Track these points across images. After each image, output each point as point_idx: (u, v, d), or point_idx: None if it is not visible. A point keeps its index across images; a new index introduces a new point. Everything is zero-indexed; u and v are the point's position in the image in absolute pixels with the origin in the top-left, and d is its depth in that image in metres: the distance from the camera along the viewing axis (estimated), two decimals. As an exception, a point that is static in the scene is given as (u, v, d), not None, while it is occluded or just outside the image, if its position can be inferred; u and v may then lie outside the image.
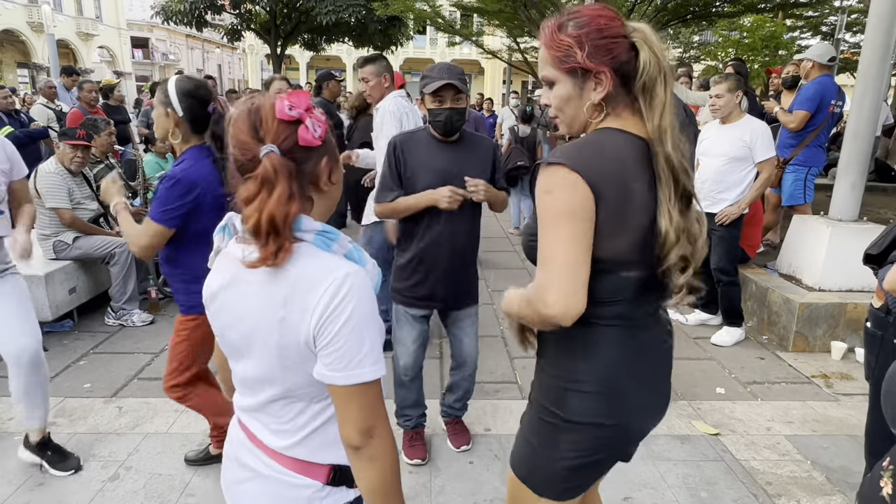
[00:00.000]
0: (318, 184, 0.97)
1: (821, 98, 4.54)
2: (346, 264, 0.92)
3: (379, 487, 0.96)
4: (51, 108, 6.74)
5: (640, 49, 1.09)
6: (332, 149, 0.98)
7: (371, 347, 0.92)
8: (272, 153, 0.89)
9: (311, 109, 0.93)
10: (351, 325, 0.90)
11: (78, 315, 4.01)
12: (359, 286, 0.91)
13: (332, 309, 0.89)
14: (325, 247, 0.93)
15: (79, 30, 30.47)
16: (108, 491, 2.29)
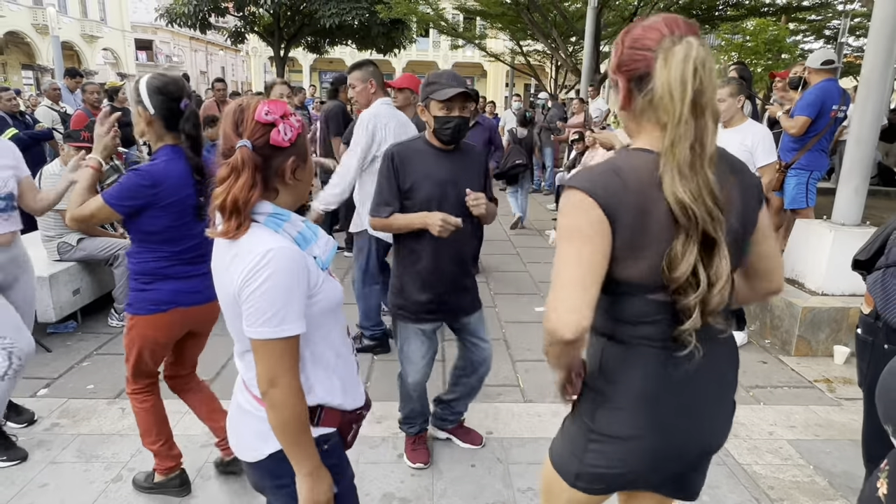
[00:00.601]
0: (283, 178, 1.18)
1: (821, 103, 4.54)
2: (274, 242, 1.11)
3: (278, 429, 1.15)
4: (55, 110, 6.77)
5: (657, 62, 1.04)
6: (301, 151, 1.19)
7: (278, 312, 1.09)
8: (244, 147, 1.11)
9: (287, 116, 1.15)
10: (262, 290, 1.08)
11: (82, 316, 4.02)
12: (278, 260, 1.09)
13: (251, 274, 1.09)
14: (275, 227, 1.14)
15: (83, 32, 30.62)
16: (112, 492, 2.30)
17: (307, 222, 1.21)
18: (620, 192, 1.06)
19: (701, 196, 1.03)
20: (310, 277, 1.15)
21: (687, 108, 1.01)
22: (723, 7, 12.43)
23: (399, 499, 2.30)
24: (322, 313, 1.20)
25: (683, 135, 1.02)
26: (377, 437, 2.70)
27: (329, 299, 1.21)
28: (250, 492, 2.32)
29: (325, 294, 1.19)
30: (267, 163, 1.14)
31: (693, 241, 1.05)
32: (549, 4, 13.47)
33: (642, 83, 1.08)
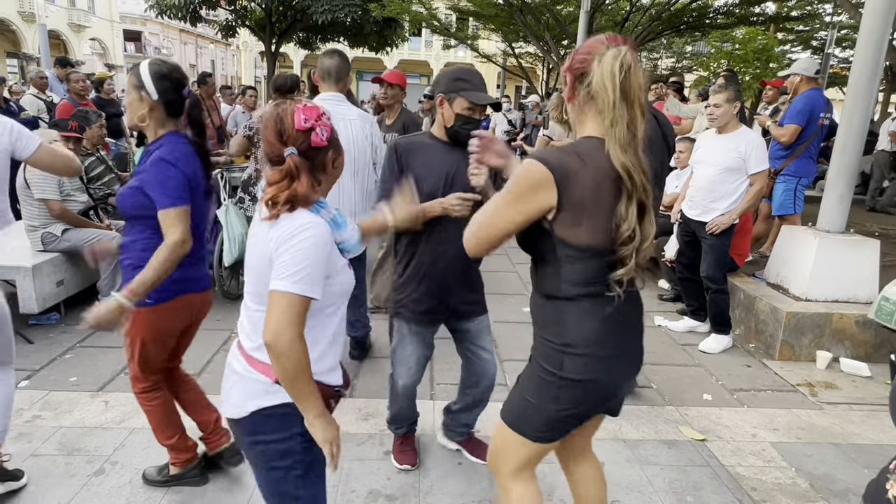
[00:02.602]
0: (325, 170, 1.37)
1: (810, 111, 4.62)
2: (313, 218, 1.28)
3: (283, 376, 1.26)
4: (41, 99, 6.67)
5: (593, 63, 1.33)
6: (335, 143, 1.37)
7: (303, 273, 1.23)
8: (293, 154, 1.29)
9: (321, 118, 1.32)
10: (298, 248, 1.24)
11: (65, 308, 3.96)
12: (313, 232, 1.26)
13: (292, 234, 1.25)
14: (317, 210, 1.32)
15: (70, 21, 30.14)
16: (94, 486, 2.27)
17: (339, 211, 1.39)
18: (579, 169, 1.31)
19: (638, 167, 1.31)
20: (333, 258, 1.31)
21: (618, 94, 1.28)
22: (713, 15, 12.55)
23: (385, 496, 2.30)
24: (334, 294, 1.35)
25: (619, 116, 1.28)
26: (364, 434, 2.69)
27: (343, 283, 1.37)
28: (232, 487, 2.30)
29: (342, 278, 1.36)
30: (312, 161, 1.32)
31: (633, 203, 1.32)
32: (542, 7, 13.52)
33: (583, 79, 1.35)
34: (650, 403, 3.13)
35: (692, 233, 3.94)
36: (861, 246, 3.92)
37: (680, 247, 4.13)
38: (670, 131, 2.88)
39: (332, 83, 3.05)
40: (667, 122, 2.89)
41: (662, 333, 4.16)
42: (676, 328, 4.22)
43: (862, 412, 3.16)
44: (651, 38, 13.53)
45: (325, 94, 3.05)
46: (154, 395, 2.18)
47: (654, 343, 3.17)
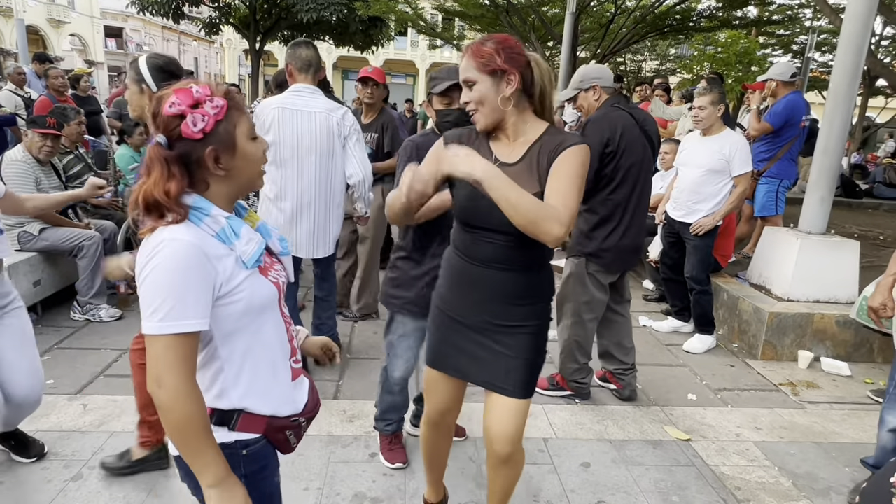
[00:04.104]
0: (203, 169, 1.11)
1: (789, 116, 4.69)
2: (171, 233, 1.05)
3: (169, 434, 1.08)
4: (19, 95, 6.53)
5: (536, 66, 1.58)
6: (223, 138, 1.10)
7: (162, 306, 1.04)
8: (156, 142, 1.07)
9: (200, 104, 1.07)
10: (148, 282, 1.05)
11: (42, 309, 3.88)
12: (170, 252, 1.04)
13: (142, 264, 1.06)
14: (195, 220, 1.09)
15: (49, 16, 29.61)
16: (71, 491, 2.22)
17: (232, 218, 1.14)
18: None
19: None
20: (218, 274, 1.08)
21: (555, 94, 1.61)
22: (696, 18, 12.68)
23: (371, 499, 2.28)
24: (244, 313, 1.14)
25: (550, 105, 1.62)
26: (349, 437, 2.67)
27: (253, 298, 1.14)
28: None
29: (248, 293, 1.13)
30: (186, 155, 1.08)
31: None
32: (527, 8, 13.55)
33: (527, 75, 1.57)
34: (635, 404, 3.14)
35: (676, 234, 3.97)
36: (841, 247, 3.98)
37: (664, 248, 4.16)
38: (651, 127, 2.91)
39: (309, 74, 2.92)
40: (646, 118, 2.90)
41: (647, 334, 4.18)
42: (661, 328, 4.25)
43: (843, 411, 3.20)
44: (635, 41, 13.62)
45: (298, 86, 2.90)
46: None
47: (639, 343, 3.19)
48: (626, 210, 2.81)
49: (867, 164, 12.94)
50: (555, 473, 2.48)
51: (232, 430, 1.17)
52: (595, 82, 2.89)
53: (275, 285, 1.20)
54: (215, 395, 1.17)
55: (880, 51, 14.40)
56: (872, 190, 10.88)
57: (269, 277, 1.19)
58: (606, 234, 2.82)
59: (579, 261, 2.91)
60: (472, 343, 1.72)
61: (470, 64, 1.56)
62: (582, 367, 3.05)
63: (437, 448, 2.03)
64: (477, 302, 1.68)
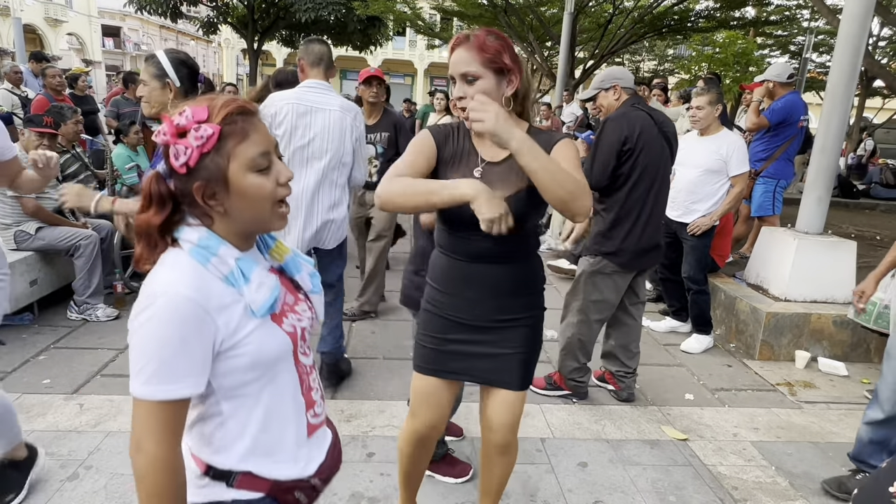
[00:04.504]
0: (192, 204, 0.98)
1: (787, 114, 4.69)
2: (168, 282, 0.94)
3: (140, 500, 0.96)
4: (16, 94, 6.51)
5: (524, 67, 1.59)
6: (208, 175, 0.95)
7: (147, 366, 0.92)
8: (155, 172, 0.98)
9: (182, 133, 0.93)
10: (137, 337, 0.93)
11: (39, 308, 3.86)
12: (164, 307, 0.91)
13: (134, 314, 0.94)
14: (202, 260, 0.97)
15: (47, 15, 29.52)
16: (67, 491, 2.21)
17: (243, 259, 1.00)
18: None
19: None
20: (219, 330, 0.95)
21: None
22: (694, 19, 12.71)
23: (368, 498, 2.27)
24: (250, 367, 1.00)
25: (530, 107, 1.63)
26: (346, 436, 2.66)
27: (261, 352, 1.00)
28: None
29: (256, 346, 0.99)
30: (180, 189, 0.97)
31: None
32: (526, 8, 13.57)
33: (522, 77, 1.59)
34: (633, 403, 3.14)
35: (673, 234, 3.97)
36: (839, 247, 3.98)
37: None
38: (670, 128, 2.92)
39: (321, 70, 2.87)
40: (665, 120, 2.92)
41: (645, 334, 4.17)
42: (658, 328, 4.25)
43: (839, 411, 3.21)
44: (633, 41, 13.65)
45: (311, 82, 2.82)
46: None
47: (637, 343, 3.19)
48: (643, 209, 2.82)
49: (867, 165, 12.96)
50: (552, 473, 2.48)
51: (230, 486, 1.05)
52: (616, 82, 2.90)
53: (290, 336, 1.05)
54: (213, 451, 1.04)
55: (877, 51, 14.44)
56: (869, 190, 10.90)
57: (283, 326, 1.05)
58: (625, 234, 2.82)
59: (595, 259, 2.91)
60: (472, 342, 1.70)
61: (472, 57, 1.49)
62: (581, 367, 3.05)
63: (419, 464, 1.93)
64: (475, 299, 1.66)
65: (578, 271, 3.00)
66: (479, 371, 1.73)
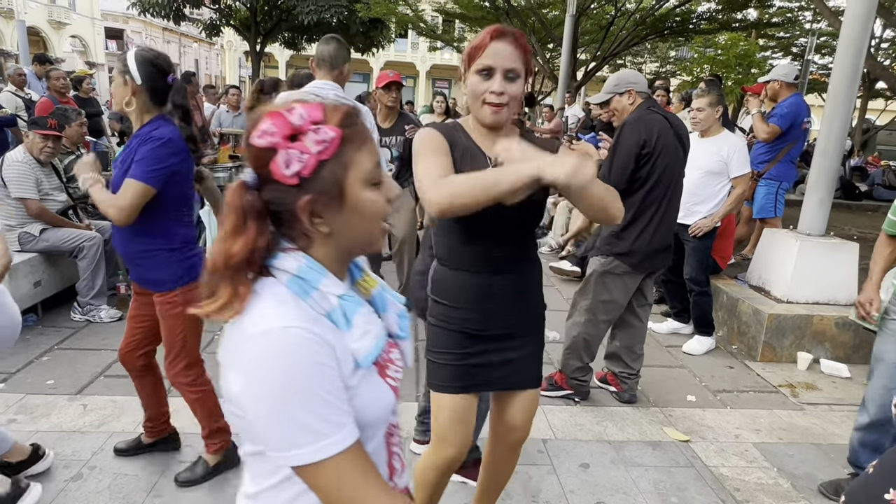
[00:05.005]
0: (295, 223, 0.80)
1: (794, 117, 4.70)
2: (277, 319, 0.75)
3: None
4: (19, 96, 6.54)
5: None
6: (322, 187, 0.78)
7: (307, 423, 0.73)
8: (241, 181, 0.80)
9: (296, 136, 0.76)
10: (267, 398, 0.73)
11: (42, 309, 3.88)
12: (271, 352, 0.73)
13: (229, 360, 0.76)
14: (301, 293, 0.79)
15: (50, 18, 29.64)
16: (71, 491, 2.22)
17: (346, 298, 0.82)
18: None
19: None
20: (341, 368, 0.78)
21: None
22: (696, 20, 12.71)
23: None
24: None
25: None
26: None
27: (368, 409, 0.82)
28: (216, 491, 2.27)
29: (363, 401, 0.81)
30: (276, 203, 0.79)
31: None
32: (527, 10, 13.60)
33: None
34: (635, 405, 3.15)
35: (675, 235, 3.97)
36: (841, 249, 3.98)
37: (664, 249, 4.17)
38: (684, 131, 2.94)
39: (326, 70, 2.89)
40: (679, 123, 2.94)
41: (646, 335, 4.18)
42: (660, 330, 4.26)
43: (841, 413, 3.21)
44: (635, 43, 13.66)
45: (318, 82, 2.85)
46: (203, 379, 2.23)
47: (639, 345, 3.19)
48: (657, 211, 2.82)
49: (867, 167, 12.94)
50: (554, 474, 2.49)
51: None
52: (631, 86, 2.89)
53: (393, 390, 0.89)
54: None
55: (880, 53, 14.43)
56: (872, 192, 10.89)
57: (387, 379, 0.88)
58: (637, 235, 2.82)
59: (606, 260, 2.91)
60: (492, 351, 1.65)
61: (517, 55, 1.44)
62: (584, 367, 3.06)
63: (441, 490, 1.82)
64: (494, 310, 1.61)
65: (589, 271, 3.00)
66: (501, 378, 1.69)
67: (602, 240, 2.99)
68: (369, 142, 0.83)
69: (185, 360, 2.17)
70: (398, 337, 0.94)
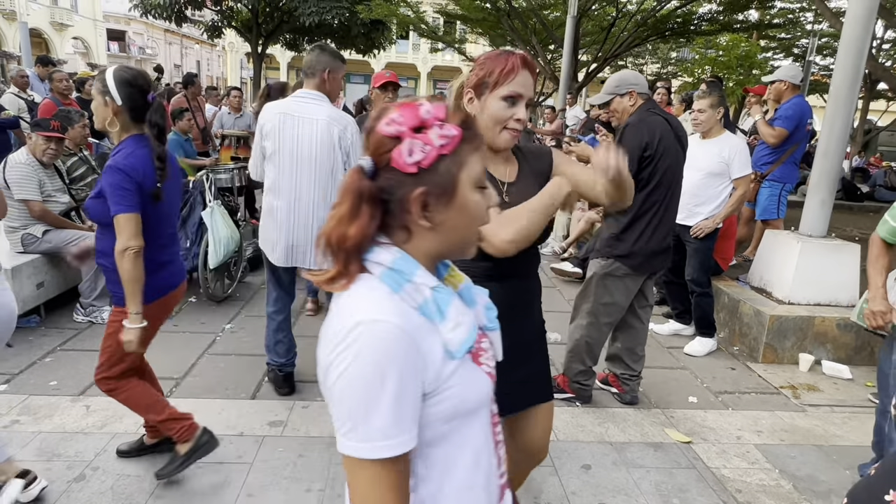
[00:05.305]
0: (409, 214, 0.82)
1: (799, 118, 4.69)
2: (378, 311, 0.77)
3: None
4: (22, 98, 6.56)
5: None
6: (438, 180, 0.81)
7: (364, 420, 0.75)
8: (358, 166, 0.82)
9: (422, 128, 0.80)
10: (344, 384, 0.76)
11: (45, 311, 3.89)
12: (373, 341, 0.75)
13: (331, 357, 0.78)
14: (393, 286, 0.81)
15: (53, 19, 29.75)
16: (74, 492, 2.23)
17: (439, 289, 0.84)
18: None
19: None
20: (427, 368, 0.80)
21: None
22: (698, 22, 12.71)
23: (372, 500, 2.28)
24: (452, 416, 0.84)
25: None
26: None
27: (465, 396, 0.84)
28: (218, 491, 2.27)
29: (460, 389, 0.83)
30: (389, 191, 0.81)
31: None
32: (529, 12, 13.60)
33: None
34: (636, 406, 3.15)
35: (676, 236, 3.97)
36: (842, 250, 3.98)
37: (665, 250, 4.17)
38: (682, 132, 2.94)
39: (308, 79, 2.82)
40: (679, 125, 2.94)
41: (648, 336, 4.18)
42: (662, 331, 4.26)
43: (843, 414, 3.21)
44: (637, 44, 13.66)
45: (301, 92, 2.81)
46: (127, 383, 2.22)
47: (640, 346, 3.20)
48: (657, 213, 2.83)
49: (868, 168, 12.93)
50: (556, 475, 2.49)
51: None
52: (632, 88, 2.89)
53: (489, 376, 0.91)
54: None
55: (881, 54, 14.42)
56: (874, 193, 10.88)
57: (482, 366, 0.90)
58: (637, 237, 2.83)
59: (606, 262, 2.91)
60: (518, 367, 1.57)
61: (531, 82, 1.49)
62: (587, 370, 3.06)
63: None
64: (517, 325, 1.51)
65: (589, 273, 3.00)
66: (523, 397, 1.65)
67: (602, 242, 2.99)
68: (482, 147, 0.87)
69: (104, 374, 2.19)
70: (487, 328, 0.96)
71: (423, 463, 0.85)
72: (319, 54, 2.82)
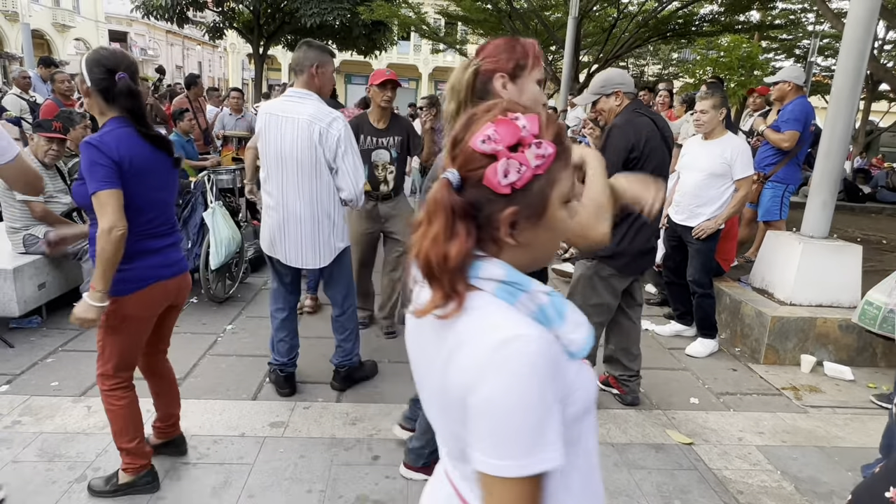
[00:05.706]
0: (494, 229, 0.79)
1: (805, 118, 4.69)
2: (516, 325, 0.74)
3: None
4: (24, 99, 6.57)
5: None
6: (530, 201, 0.79)
7: (518, 440, 0.72)
8: (445, 180, 0.78)
9: (521, 146, 0.76)
10: (496, 402, 0.72)
11: (47, 311, 3.90)
12: (518, 358, 0.72)
13: (473, 378, 0.74)
14: (508, 298, 0.78)
15: (55, 21, 29.79)
16: (75, 493, 2.23)
17: (555, 294, 0.82)
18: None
19: None
20: (561, 374, 0.77)
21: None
22: (699, 23, 12.71)
23: (373, 501, 2.28)
24: (575, 419, 0.81)
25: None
26: (351, 439, 2.67)
27: (589, 394, 0.83)
28: (219, 492, 2.27)
29: (585, 388, 0.82)
30: (478, 206, 0.78)
31: None
32: (530, 13, 13.61)
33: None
34: (637, 407, 3.14)
35: (678, 237, 3.98)
36: (844, 251, 3.98)
37: (666, 251, 4.17)
38: (668, 132, 2.93)
39: (297, 77, 2.80)
40: (665, 125, 2.93)
41: (649, 337, 4.18)
42: (663, 332, 4.25)
43: (845, 415, 3.20)
44: (638, 45, 13.66)
45: (289, 91, 2.80)
46: (122, 393, 2.14)
47: (641, 347, 3.19)
48: (641, 213, 2.82)
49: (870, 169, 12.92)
50: (557, 477, 2.48)
51: None
52: (618, 88, 2.88)
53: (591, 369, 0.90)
54: None
55: (883, 55, 14.41)
56: (875, 194, 10.87)
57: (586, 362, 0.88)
58: (621, 237, 2.82)
59: (592, 263, 2.91)
60: None
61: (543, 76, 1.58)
62: None
63: None
64: None
65: (575, 275, 3.00)
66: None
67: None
68: (571, 160, 0.84)
69: (102, 368, 2.12)
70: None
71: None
72: (307, 50, 2.78)
